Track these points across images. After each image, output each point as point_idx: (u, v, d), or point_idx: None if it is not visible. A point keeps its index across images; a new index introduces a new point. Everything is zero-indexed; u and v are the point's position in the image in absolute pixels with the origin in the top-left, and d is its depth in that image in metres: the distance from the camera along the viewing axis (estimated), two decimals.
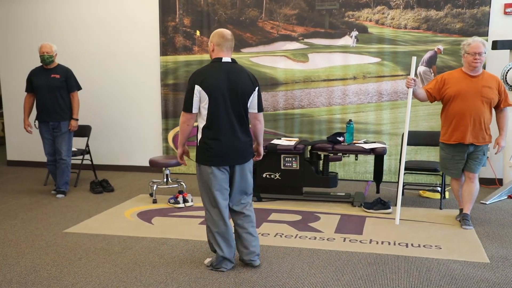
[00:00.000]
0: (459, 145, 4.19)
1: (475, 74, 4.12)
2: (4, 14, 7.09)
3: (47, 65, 5.36)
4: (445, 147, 4.30)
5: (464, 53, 4.11)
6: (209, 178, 3.19)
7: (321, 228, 4.24)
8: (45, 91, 5.35)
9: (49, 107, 5.35)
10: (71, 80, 5.46)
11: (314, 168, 5.06)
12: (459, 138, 4.15)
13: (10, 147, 7.39)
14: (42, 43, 5.34)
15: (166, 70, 6.59)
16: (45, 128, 5.43)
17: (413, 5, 5.86)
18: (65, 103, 5.43)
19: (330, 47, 6.15)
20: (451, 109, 4.17)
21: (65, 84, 5.41)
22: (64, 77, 5.40)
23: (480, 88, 4.07)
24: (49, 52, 5.31)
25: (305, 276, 3.23)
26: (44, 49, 5.29)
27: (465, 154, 4.21)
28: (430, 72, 5.85)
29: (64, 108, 5.42)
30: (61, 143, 5.42)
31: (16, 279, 3.21)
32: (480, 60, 4.03)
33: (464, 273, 3.27)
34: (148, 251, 3.70)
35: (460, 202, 4.43)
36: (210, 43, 3.33)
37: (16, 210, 4.91)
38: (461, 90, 4.10)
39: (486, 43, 4.10)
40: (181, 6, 6.46)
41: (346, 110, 6.15)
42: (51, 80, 5.35)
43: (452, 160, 4.27)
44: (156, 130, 6.76)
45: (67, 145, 5.48)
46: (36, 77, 5.40)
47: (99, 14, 6.74)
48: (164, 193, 5.54)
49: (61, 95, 5.38)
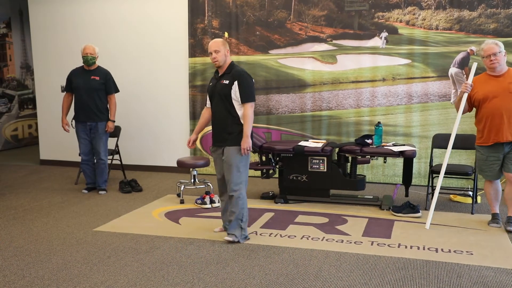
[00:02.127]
0: (495, 146, 4.13)
1: (499, 74, 4.13)
2: (37, 17, 7.29)
3: (89, 66, 5.49)
4: (481, 149, 4.24)
5: (482, 59, 4.17)
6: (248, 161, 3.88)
7: (348, 231, 4.20)
8: (84, 92, 5.48)
9: (87, 108, 5.48)
10: (110, 83, 5.59)
11: (342, 171, 5.01)
12: (496, 138, 4.09)
13: (43, 146, 7.58)
14: (85, 45, 5.49)
15: (194, 72, 6.65)
16: (82, 128, 5.55)
17: (445, 5, 5.74)
18: (103, 104, 5.56)
19: (359, 49, 6.08)
20: (483, 112, 4.15)
21: (103, 86, 5.54)
22: (103, 79, 5.53)
23: (507, 85, 4.05)
24: (92, 54, 5.45)
25: (332, 279, 3.20)
26: (88, 50, 5.43)
27: (501, 155, 4.13)
28: (462, 74, 5.73)
29: (102, 109, 5.55)
30: (99, 144, 5.56)
31: (48, 275, 3.29)
32: (497, 60, 4.05)
33: (497, 280, 3.18)
34: (176, 251, 3.74)
35: (493, 206, 4.33)
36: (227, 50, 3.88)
37: (48, 208, 5.03)
38: (488, 92, 4.09)
39: (499, 42, 4.10)
40: (209, 8, 6.51)
41: (374, 112, 6.07)
42: (91, 82, 5.48)
43: (486, 161, 4.20)
44: (184, 131, 6.82)
45: (105, 145, 5.62)
46: (76, 78, 5.54)
47: (127, 16, 6.85)
48: (191, 194, 5.59)
49: (99, 96, 5.51)
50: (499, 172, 4.19)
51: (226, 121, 3.84)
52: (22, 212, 4.88)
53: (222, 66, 3.86)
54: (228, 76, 3.82)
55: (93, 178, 5.73)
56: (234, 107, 3.81)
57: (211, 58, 3.82)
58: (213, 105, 3.93)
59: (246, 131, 3.77)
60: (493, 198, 4.30)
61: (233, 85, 3.78)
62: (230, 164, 3.83)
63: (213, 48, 3.79)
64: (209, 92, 3.97)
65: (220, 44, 3.80)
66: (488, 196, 4.34)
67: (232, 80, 3.79)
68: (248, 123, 3.77)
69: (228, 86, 3.79)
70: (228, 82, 3.80)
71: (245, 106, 3.79)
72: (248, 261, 3.53)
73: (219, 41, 3.83)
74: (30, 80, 9.50)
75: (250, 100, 3.80)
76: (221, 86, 3.82)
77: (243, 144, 3.77)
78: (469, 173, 4.76)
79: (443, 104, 5.83)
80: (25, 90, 9.49)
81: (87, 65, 5.49)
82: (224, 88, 3.81)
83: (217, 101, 3.87)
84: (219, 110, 3.87)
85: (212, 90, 3.92)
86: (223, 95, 3.81)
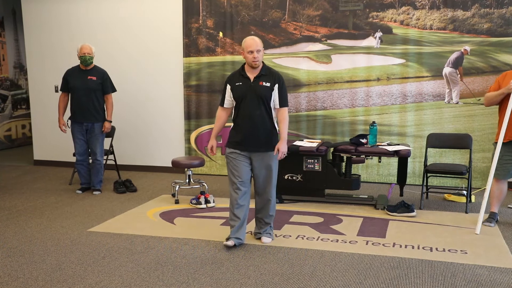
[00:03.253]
0: (510, 144, 4.10)
1: None
2: (30, 16, 7.25)
3: (87, 66, 5.43)
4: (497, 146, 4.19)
5: None
6: None
7: (343, 231, 4.20)
8: (81, 92, 5.42)
9: (84, 108, 5.43)
10: (107, 82, 5.54)
11: (337, 170, 5.02)
12: (510, 135, 4.07)
13: (37, 146, 7.54)
14: (82, 44, 5.41)
15: (189, 72, 6.64)
16: (79, 129, 5.51)
17: (439, 5, 5.76)
18: (100, 104, 5.52)
19: (353, 48, 6.09)
20: (502, 108, 4.12)
21: (101, 86, 5.49)
22: (100, 79, 5.48)
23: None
24: (90, 53, 5.39)
25: (326, 279, 3.20)
26: (85, 50, 5.36)
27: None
28: (456, 73, 5.75)
29: (98, 109, 5.51)
30: (95, 144, 5.52)
31: (42, 276, 3.28)
32: None
33: (491, 279, 3.20)
34: (171, 251, 3.73)
35: (493, 205, 4.34)
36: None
37: (42, 209, 5.01)
38: None
39: None
40: (204, 7, 6.50)
41: (369, 111, 6.08)
42: (88, 82, 5.43)
43: (501, 159, 4.16)
44: (179, 131, 6.81)
45: (101, 146, 5.59)
46: (72, 78, 5.48)
47: (122, 16, 6.83)
48: (186, 194, 5.58)
49: (96, 96, 5.46)
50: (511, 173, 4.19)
51: (265, 125, 3.70)
52: (16, 213, 4.85)
53: (257, 67, 3.68)
54: (268, 78, 3.68)
55: (87, 179, 5.70)
56: (272, 111, 3.73)
57: (250, 57, 3.60)
58: (243, 106, 3.69)
59: (285, 135, 3.69)
60: (497, 197, 4.29)
61: (275, 88, 3.67)
62: (271, 169, 3.76)
63: (255, 47, 3.59)
64: (238, 92, 3.69)
65: (260, 43, 3.64)
66: (492, 194, 4.31)
67: (274, 82, 3.67)
68: (287, 127, 3.72)
69: (269, 88, 3.65)
70: (269, 84, 3.66)
71: (283, 110, 3.71)
72: (243, 261, 3.52)
73: (258, 40, 3.64)
74: (23, 80, 9.46)
75: (287, 104, 3.76)
76: (261, 88, 3.65)
77: (283, 148, 3.67)
78: (464, 173, 4.77)
79: (437, 103, 5.85)
80: (18, 90, 9.44)
81: (84, 65, 5.44)
82: (266, 91, 3.65)
83: (253, 103, 3.65)
84: (257, 113, 3.66)
85: (244, 91, 3.67)
86: (264, 97, 3.64)
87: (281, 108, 3.72)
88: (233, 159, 3.74)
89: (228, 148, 3.79)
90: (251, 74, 3.70)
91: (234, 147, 3.74)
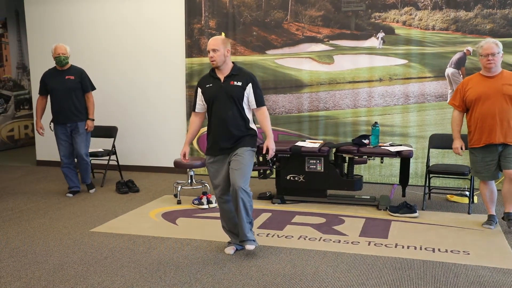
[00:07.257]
0: (488, 147, 4.11)
1: (493, 75, 4.08)
2: (33, 17, 7.27)
3: (62, 66, 5.38)
4: (474, 151, 4.22)
5: (479, 56, 4.10)
6: None
7: (345, 232, 4.20)
8: (61, 93, 5.36)
9: (66, 109, 5.37)
10: (85, 81, 5.48)
11: (339, 171, 5.01)
12: (488, 139, 4.07)
13: (39, 147, 7.56)
14: (56, 45, 5.34)
15: (191, 72, 6.64)
16: (62, 130, 5.45)
17: (442, 6, 5.75)
18: (81, 104, 5.46)
19: (356, 49, 6.09)
20: (475, 113, 4.12)
21: (80, 85, 5.43)
22: (78, 77, 5.42)
23: (501, 86, 4.02)
24: (65, 54, 5.32)
25: (329, 280, 3.20)
26: (60, 51, 5.29)
27: (496, 155, 4.12)
28: (459, 74, 5.74)
29: (80, 109, 5.45)
30: (80, 144, 5.46)
31: (45, 276, 3.28)
32: (494, 61, 4.00)
33: (494, 280, 3.19)
34: (173, 252, 3.73)
35: (489, 208, 4.33)
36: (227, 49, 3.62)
37: (45, 209, 5.01)
38: (481, 93, 4.06)
39: (499, 43, 4.06)
40: (206, 8, 6.50)
41: (371, 112, 6.08)
42: (67, 82, 5.37)
43: (482, 162, 4.18)
44: (181, 132, 6.81)
45: (86, 145, 5.53)
46: (50, 79, 5.42)
47: (124, 16, 6.84)
48: (189, 194, 5.58)
49: (76, 96, 5.41)
50: (495, 173, 4.19)
51: (238, 126, 3.56)
52: (19, 213, 4.86)
53: (221, 67, 3.55)
54: (238, 77, 3.56)
55: (76, 181, 5.62)
56: (245, 110, 3.59)
57: (208, 57, 3.53)
58: (214, 108, 3.57)
59: (270, 133, 3.63)
60: (489, 199, 4.30)
61: (247, 87, 3.55)
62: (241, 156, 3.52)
63: (211, 47, 3.50)
64: (209, 95, 3.58)
65: (219, 42, 3.50)
66: (484, 198, 4.34)
67: (246, 82, 3.56)
68: (269, 124, 3.64)
69: (241, 88, 3.53)
70: (240, 84, 3.54)
71: (262, 110, 3.61)
72: (245, 261, 3.52)
73: (218, 39, 3.52)
74: (26, 80, 9.48)
75: (264, 103, 3.66)
76: (232, 88, 3.53)
77: (272, 145, 3.62)
78: (466, 173, 4.77)
79: (439, 104, 5.85)
80: (21, 91, 9.46)
81: (60, 66, 5.36)
82: (237, 90, 3.53)
83: (224, 104, 3.53)
84: (228, 113, 3.53)
85: (214, 92, 3.56)
86: (236, 97, 3.52)
87: (259, 108, 3.62)
88: (212, 169, 3.64)
89: (207, 155, 3.68)
90: (221, 75, 3.59)
91: (211, 154, 3.63)
